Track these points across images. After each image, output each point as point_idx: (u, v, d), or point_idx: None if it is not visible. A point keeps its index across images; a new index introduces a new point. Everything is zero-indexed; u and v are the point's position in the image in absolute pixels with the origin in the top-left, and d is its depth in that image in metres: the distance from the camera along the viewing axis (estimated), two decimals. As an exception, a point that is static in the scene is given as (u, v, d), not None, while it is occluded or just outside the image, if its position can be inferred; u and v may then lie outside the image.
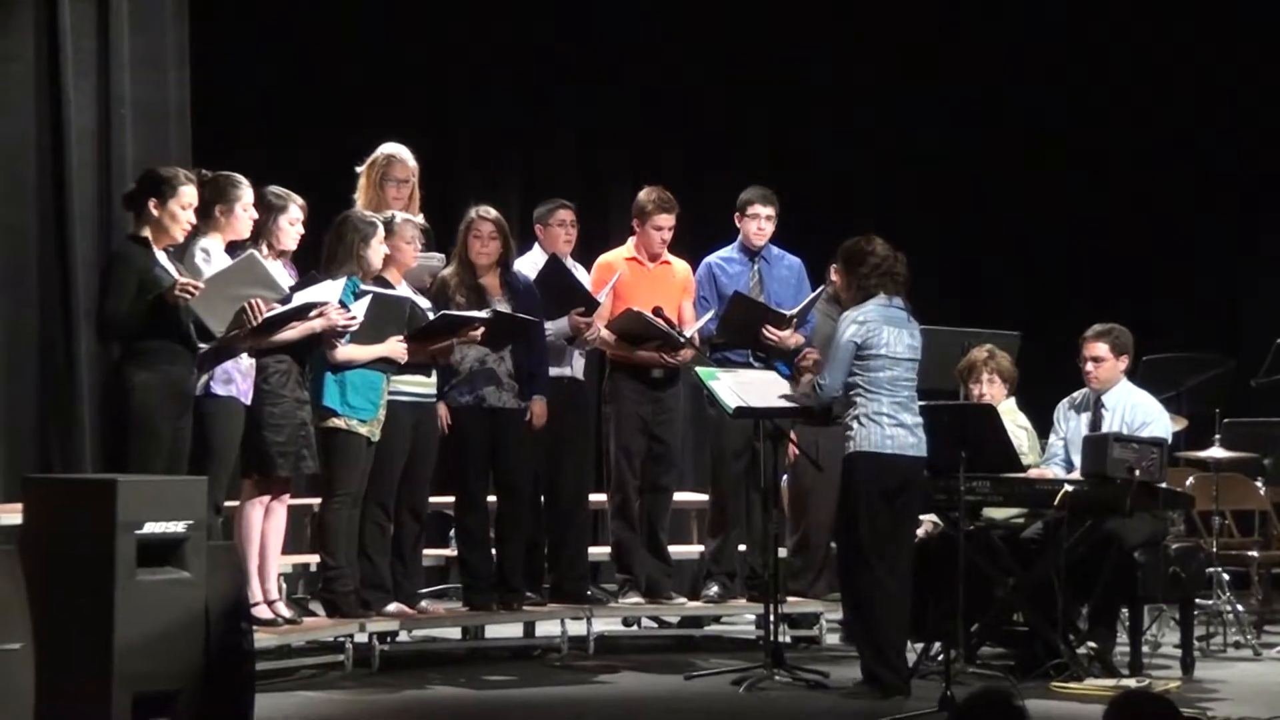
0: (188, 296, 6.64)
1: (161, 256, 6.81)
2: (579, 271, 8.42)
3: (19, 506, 6.35)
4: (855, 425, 7.10)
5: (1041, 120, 11.22)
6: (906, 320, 7.20)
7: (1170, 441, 7.90)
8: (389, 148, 8.07)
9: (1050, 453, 8.02)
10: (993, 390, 7.99)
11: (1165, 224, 11.16)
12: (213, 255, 7.05)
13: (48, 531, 5.95)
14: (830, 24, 11.01)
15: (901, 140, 11.10)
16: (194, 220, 6.87)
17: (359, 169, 8.04)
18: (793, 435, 7.96)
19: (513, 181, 10.46)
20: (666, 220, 8.44)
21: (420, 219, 7.97)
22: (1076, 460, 7.77)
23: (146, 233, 6.79)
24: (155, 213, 6.77)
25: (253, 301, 6.83)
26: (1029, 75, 11.18)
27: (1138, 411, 7.87)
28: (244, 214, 7.14)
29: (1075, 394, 8.06)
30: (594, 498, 8.72)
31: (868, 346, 7.08)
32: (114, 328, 6.72)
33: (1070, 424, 7.99)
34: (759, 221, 8.50)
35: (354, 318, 7.27)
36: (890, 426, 7.07)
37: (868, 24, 11.05)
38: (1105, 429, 7.76)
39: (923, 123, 11.08)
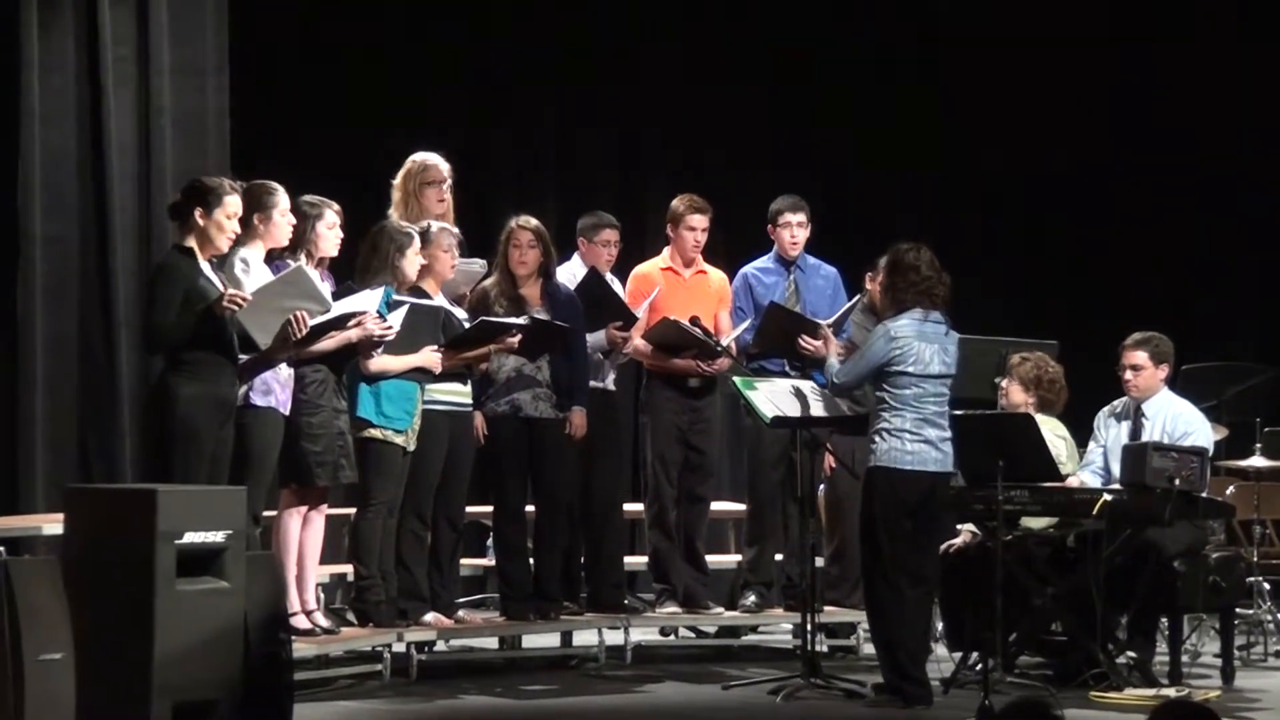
0: (235, 308, 6.67)
1: (206, 267, 6.83)
2: (616, 286, 8.41)
3: (61, 517, 6.39)
4: (877, 440, 7.10)
5: (1078, 124, 11.16)
6: (944, 335, 7.18)
7: (1211, 451, 7.86)
8: (420, 156, 8.06)
9: (1087, 460, 7.99)
10: (1010, 390, 7.95)
11: (1206, 232, 11.09)
12: (252, 265, 7.07)
13: (89, 541, 6.00)
14: (873, 26, 10.98)
15: (939, 143, 11.06)
16: (238, 230, 6.90)
17: (394, 182, 8.03)
18: (829, 445, 7.95)
19: (550, 189, 10.46)
20: (700, 221, 8.44)
21: (454, 228, 7.96)
22: (1115, 469, 7.74)
23: (191, 243, 6.81)
24: (201, 222, 6.79)
25: (298, 314, 6.85)
26: (1066, 79, 11.13)
27: (1179, 421, 7.83)
28: (282, 220, 7.14)
29: (1116, 403, 8.03)
30: (631, 507, 8.72)
31: (895, 364, 7.07)
32: (161, 339, 6.74)
33: (1110, 432, 7.96)
34: (791, 230, 8.50)
35: (390, 328, 7.28)
36: (912, 442, 7.06)
37: (906, 26, 11.02)
38: (1146, 438, 7.73)
39: (961, 126, 11.04)
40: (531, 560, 8.13)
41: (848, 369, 7.24)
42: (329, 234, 7.33)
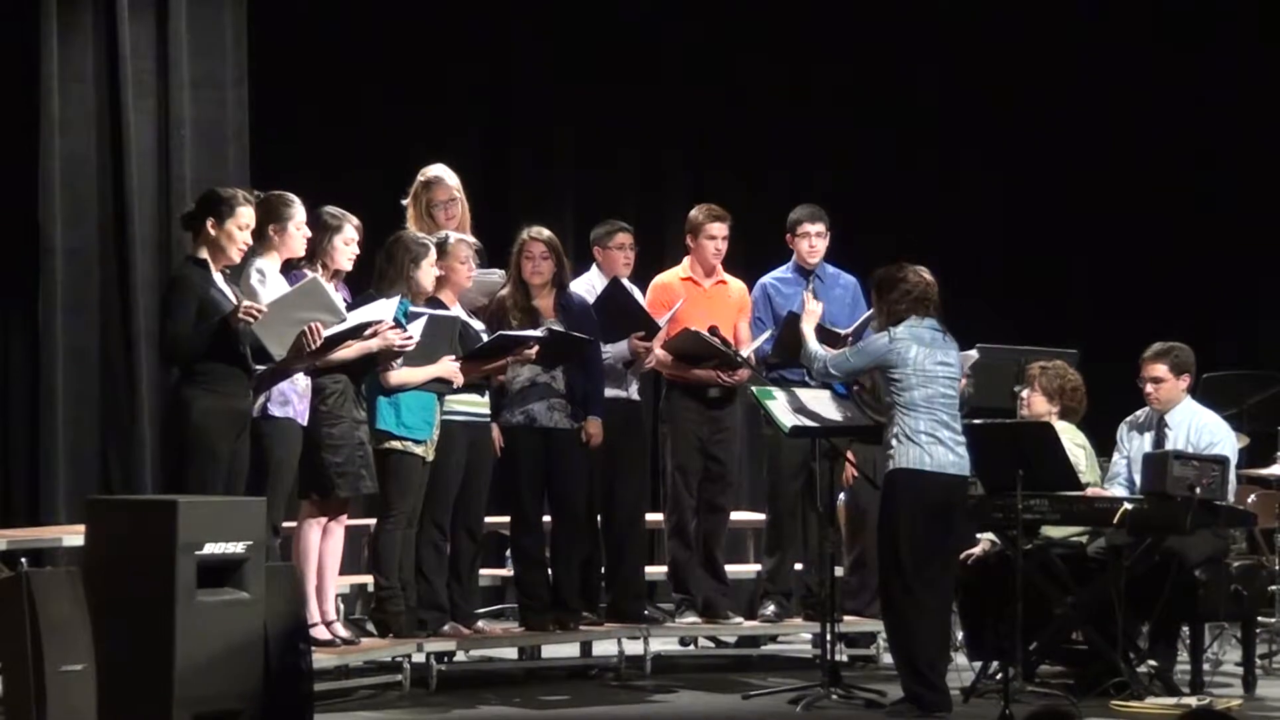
0: (250, 320, 6.68)
1: (219, 278, 6.85)
2: (637, 295, 8.42)
3: (81, 528, 6.41)
4: (894, 444, 7.11)
5: (1098, 134, 11.14)
6: (942, 340, 7.20)
7: (1235, 460, 7.84)
8: (428, 172, 8.05)
9: (1113, 472, 7.97)
10: (1032, 400, 7.94)
11: (1226, 238, 11.05)
12: (268, 276, 7.08)
13: (109, 553, 6.02)
14: (884, 28, 10.96)
15: (958, 152, 11.04)
16: (250, 241, 6.91)
17: (404, 201, 8.04)
18: (849, 454, 7.95)
19: (569, 200, 10.46)
20: (720, 229, 8.44)
21: (471, 238, 7.97)
22: (1139, 480, 7.72)
23: (204, 254, 6.83)
24: (213, 233, 6.81)
25: (313, 325, 6.86)
26: (1088, 85, 11.11)
27: (1203, 432, 7.80)
28: (297, 232, 7.15)
29: (1137, 413, 8.01)
30: (651, 517, 8.72)
31: (894, 365, 7.09)
32: (178, 351, 6.75)
33: (1133, 443, 7.94)
34: (809, 240, 8.50)
35: (410, 338, 7.28)
36: (929, 444, 7.06)
37: (921, 25, 10.99)
38: (1169, 448, 7.70)
39: (978, 135, 11.02)
40: (550, 570, 8.13)
41: (839, 358, 7.26)
42: (345, 249, 7.33)
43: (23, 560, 6.70)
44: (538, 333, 7.77)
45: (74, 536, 7.17)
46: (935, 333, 7.19)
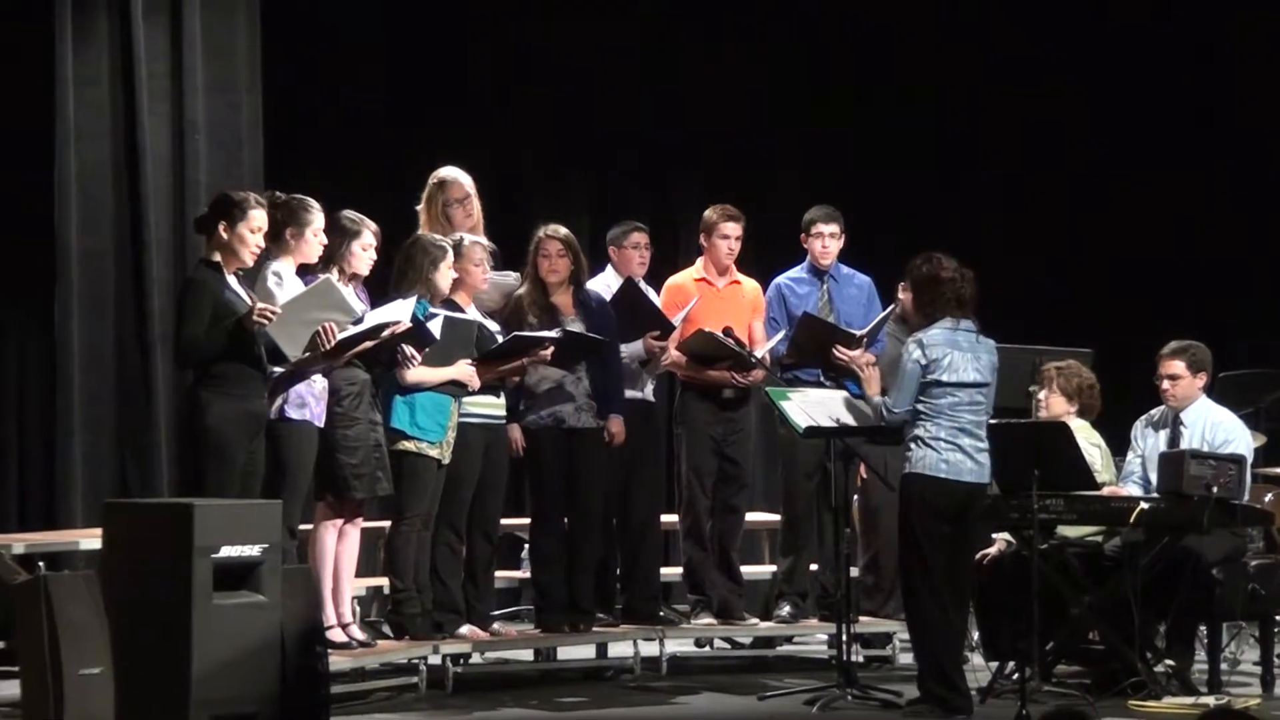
0: (265, 322, 6.69)
1: (232, 280, 6.86)
2: (651, 296, 8.42)
3: (98, 532, 6.42)
4: (912, 447, 7.10)
5: (1111, 133, 11.13)
6: (976, 342, 7.18)
7: (1251, 458, 7.83)
8: (441, 173, 8.06)
9: (1127, 470, 7.97)
10: (1050, 401, 7.94)
11: (1242, 235, 11.03)
12: (284, 279, 7.09)
13: (126, 556, 6.04)
14: (902, 26, 10.95)
15: (974, 153, 11.03)
16: (263, 244, 6.92)
17: (418, 207, 8.04)
18: (863, 455, 7.94)
19: (583, 201, 10.47)
20: (734, 229, 8.44)
21: (486, 241, 7.97)
22: (1154, 478, 7.72)
23: (217, 257, 6.85)
24: (225, 236, 6.82)
25: (327, 325, 6.87)
26: (1094, 84, 11.09)
27: (1218, 430, 7.79)
28: (314, 239, 7.16)
29: (1153, 411, 8.00)
30: (666, 518, 8.72)
31: (930, 371, 7.06)
32: (192, 354, 6.76)
33: (1148, 442, 7.93)
34: (824, 240, 8.50)
35: (407, 325, 7.21)
36: (947, 451, 7.05)
37: (940, 25, 10.98)
38: (1184, 447, 7.69)
39: (996, 135, 11.01)
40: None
41: (895, 397, 7.20)
42: (363, 254, 7.33)
43: (40, 564, 6.72)
44: (552, 334, 7.78)
45: (91, 540, 7.19)
46: (970, 335, 7.16)
